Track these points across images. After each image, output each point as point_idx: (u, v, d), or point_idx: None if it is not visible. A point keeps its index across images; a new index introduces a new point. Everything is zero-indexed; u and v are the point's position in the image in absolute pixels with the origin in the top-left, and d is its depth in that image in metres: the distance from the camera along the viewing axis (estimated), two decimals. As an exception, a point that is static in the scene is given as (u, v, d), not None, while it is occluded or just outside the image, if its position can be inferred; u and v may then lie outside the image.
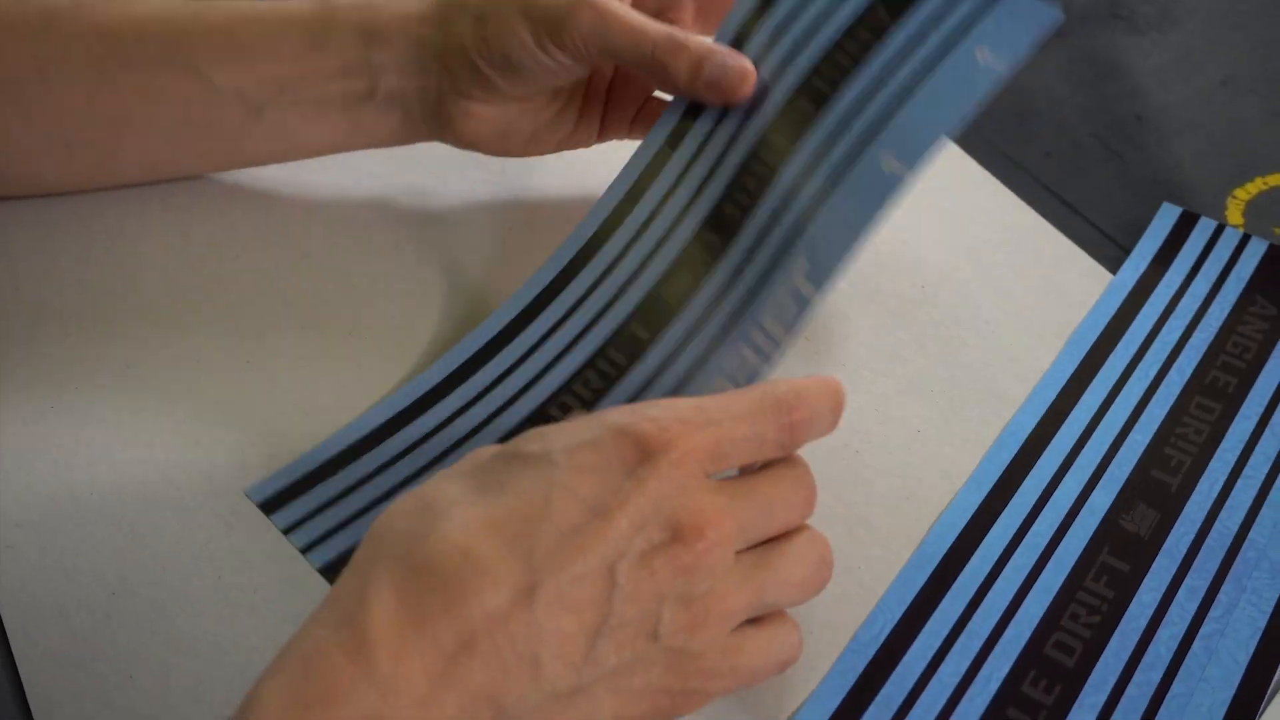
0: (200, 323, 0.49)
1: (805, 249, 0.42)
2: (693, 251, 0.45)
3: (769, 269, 0.42)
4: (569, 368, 0.44)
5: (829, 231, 0.42)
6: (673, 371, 0.43)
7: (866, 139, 0.43)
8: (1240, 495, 0.43)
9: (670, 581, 0.33)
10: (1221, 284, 0.51)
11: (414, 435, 0.44)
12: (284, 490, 0.42)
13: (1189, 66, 0.63)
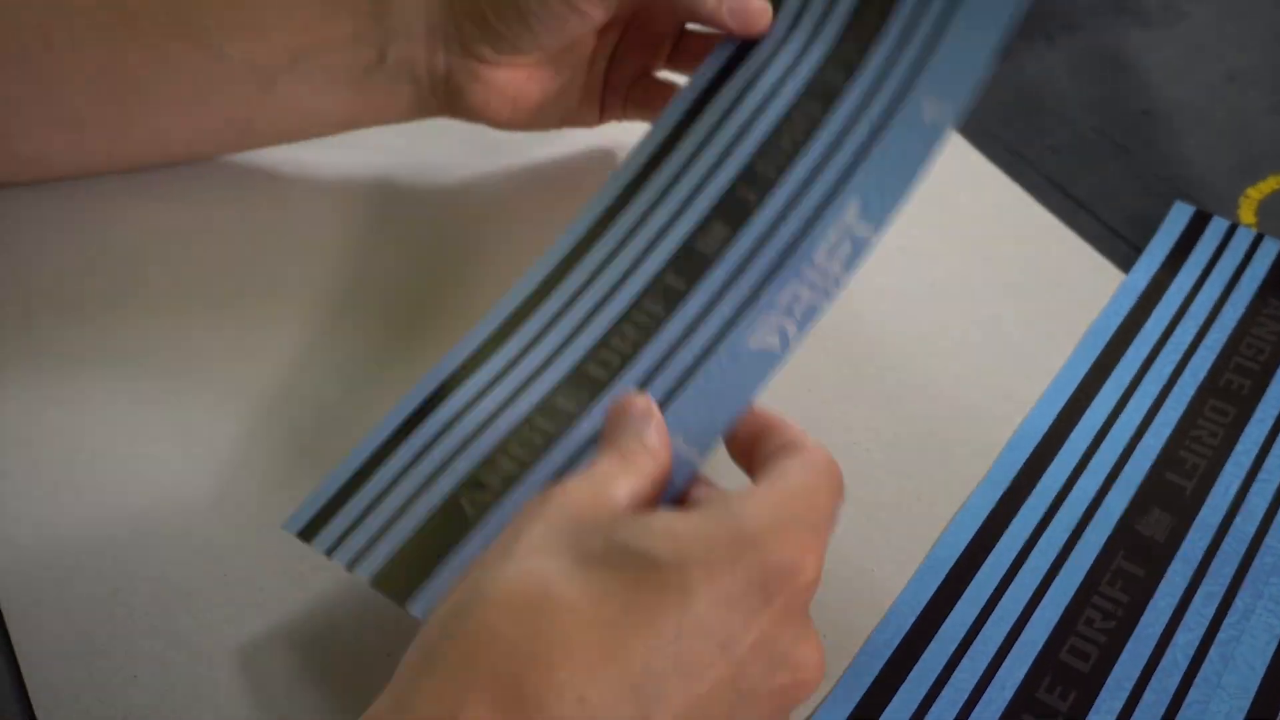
0: (204, 314, 0.48)
1: (856, 193, 0.42)
2: (726, 206, 0.44)
3: (813, 216, 0.42)
4: (603, 325, 0.43)
5: (880, 175, 0.42)
6: (716, 316, 0.41)
7: (905, 88, 0.44)
8: (1255, 500, 0.43)
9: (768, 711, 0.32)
10: (1235, 285, 0.50)
11: (441, 422, 0.41)
12: (318, 515, 0.41)
13: (1196, 61, 0.63)
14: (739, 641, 0.30)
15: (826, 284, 0.41)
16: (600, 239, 0.45)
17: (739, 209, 0.44)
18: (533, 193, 0.53)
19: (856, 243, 0.41)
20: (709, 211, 0.44)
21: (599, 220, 0.45)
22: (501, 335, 0.43)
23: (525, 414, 0.41)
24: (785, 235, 0.42)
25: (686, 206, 0.44)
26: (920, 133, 0.43)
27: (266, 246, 0.50)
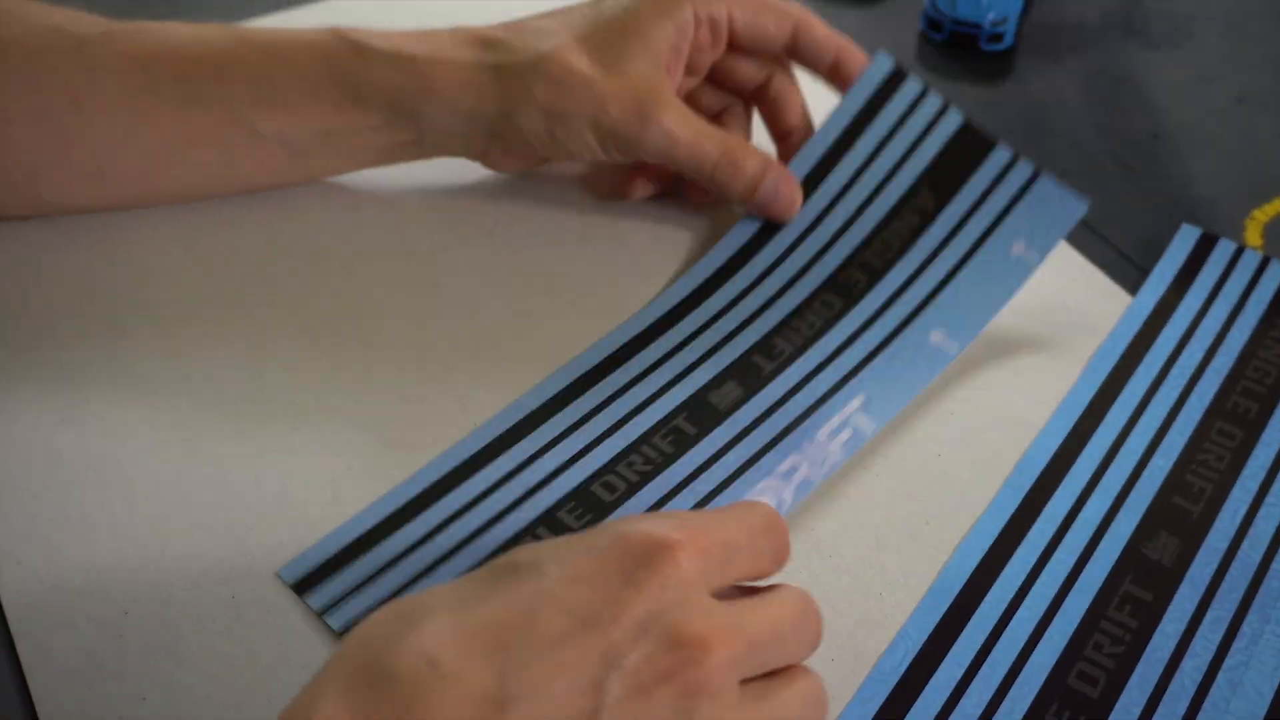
0: (214, 336, 0.48)
1: (863, 389, 0.46)
2: (742, 369, 0.47)
3: (822, 398, 0.46)
4: (612, 450, 0.45)
5: (886, 382, 0.47)
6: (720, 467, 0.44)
7: (918, 311, 0.49)
8: (1263, 525, 0.43)
9: (665, 705, 0.30)
10: (1242, 307, 0.50)
11: (452, 507, 0.43)
12: (316, 569, 0.41)
13: (1204, 83, 0.63)
14: (602, 618, 0.30)
15: (824, 462, 0.44)
16: (620, 368, 0.47)
17: (753, 374, 0.47)
18: (542, 214, 0.54)
19: (857, 432, 0.45)
20: (726, 369, 0.47)
21: (619, 350, 0.48)
22: (517, 434, 0.45)
23: (529, 521, 0.43)
24: (794, 409, 0.46)
25: (704, 360, 0.48)
26: (926, 354, 0.48)
27: (275, 265, 0.51)
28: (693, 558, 0.31)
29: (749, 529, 0.34)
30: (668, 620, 0.30)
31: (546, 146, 0.50)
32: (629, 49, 0.48)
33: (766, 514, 0.35)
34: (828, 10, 0.67)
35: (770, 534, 0.35)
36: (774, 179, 0.50)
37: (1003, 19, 0.63)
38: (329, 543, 0.41)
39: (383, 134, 0.50)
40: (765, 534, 0.35)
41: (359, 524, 0.42)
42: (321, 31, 0.49)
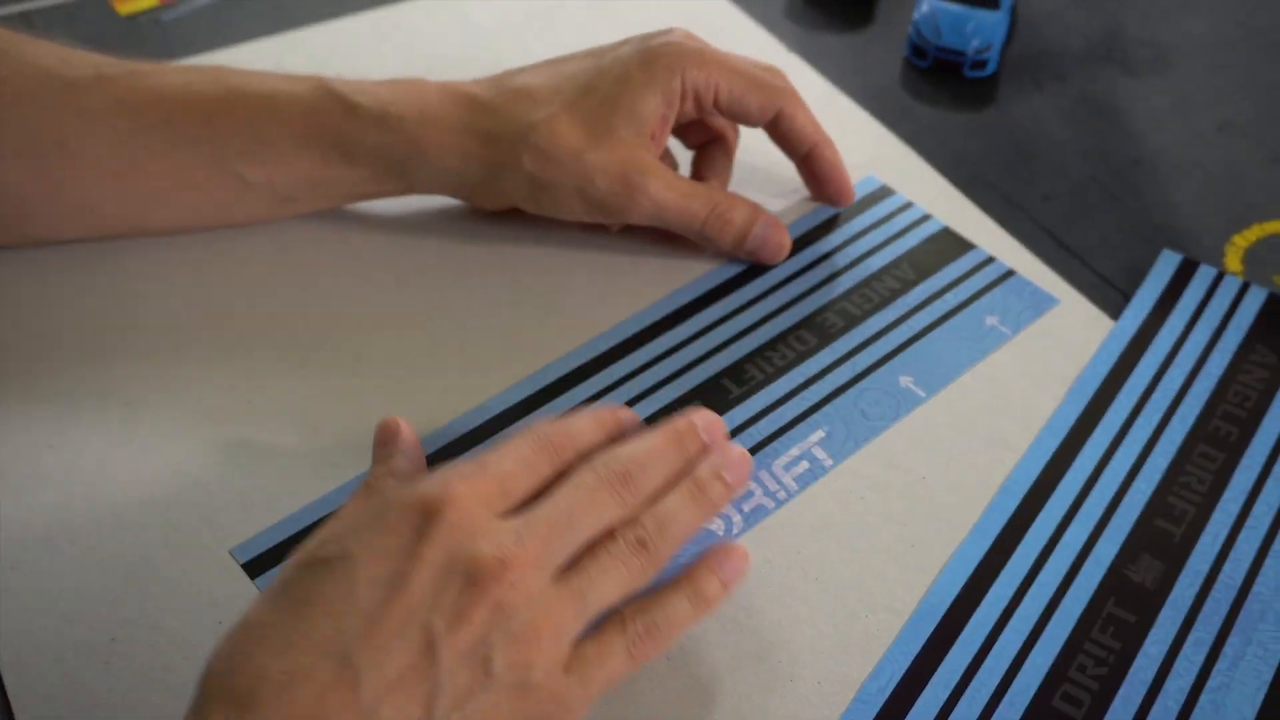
0: (200, 362, 0.48)
1: (825, 423, 0.47)
2: (709, 390, 0.48)
3: (782, 429, 0.47)
4: None
5: (847, 418, 0.48)
6: None
7: (889, 358, 0.50)
8: (1244, 546, 0.43)
9: (488, 623, 0.33)
10: (1222, 332, 0.51)
11: None
12: (269, 551, 0.42)
13: (1185, 110, 0.64)
14: (408, 575, 0.33)
15: (778, 493, 0.45)
16: (587, 380, 0.49)
17: (720, 396, 0.48)
18: (527, 239, 0.54)
19: (815, 465, 0.46)
20: (693, 389, 0.48)
21: (590, 363, 0.49)
22: (475, 437, 0.46)
23: None
24: (756, 435, 0.47)
25: (673, 379, 0.49)
26: (894, 396, 0.49)
27: (261, 291, 0.51)
28: (469, 498, 0.35)
29: (519, 459, 0.37)
30: (463, 555, 0.34)
31: (532, 207, 0.51)
32: (616, 120, 0.49)
33: (535, 439, 0.38)
34: (814, 37, 0.67)
35: (542, 453, 0.38)
36: (762, 227, 0.52)
37: (986, 46, 0.64)
38: (284, 526, 0.43)
39: (370, 185, 0.51)
40: (538, 455, 0.38)
41: (312, 513, 0.43)
42: (309, 83, 0.50)
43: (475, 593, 0.33)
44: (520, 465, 0.37)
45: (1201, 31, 0.69)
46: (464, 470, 0.36)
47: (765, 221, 0.52)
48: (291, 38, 0.65)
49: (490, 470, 0.36)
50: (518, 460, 0.37)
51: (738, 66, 0.50)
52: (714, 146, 0.55)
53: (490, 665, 0.33)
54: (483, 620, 0.33)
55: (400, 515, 0.35)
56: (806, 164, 0.53)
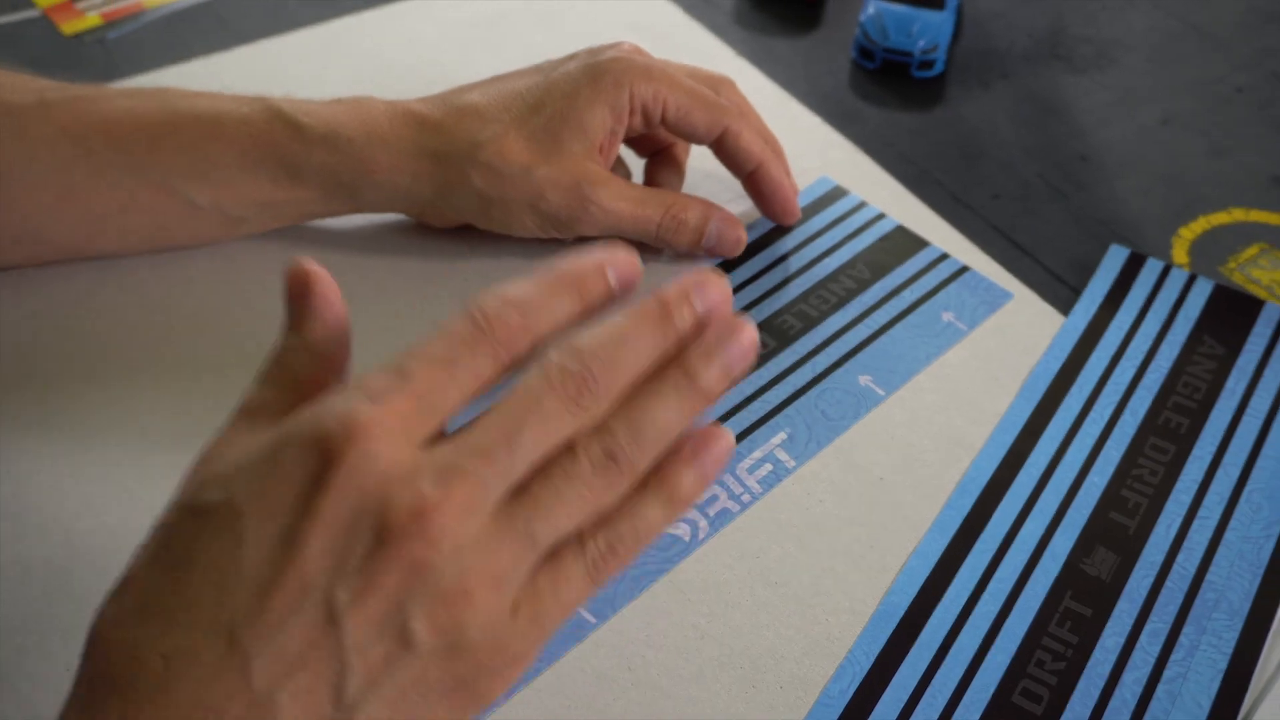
0: (151, 386, 0.48)
1: (786, 425, 0.48)
2: None
3: (744, 431, 0.47)
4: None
5: (809, 418, 0.48)
6: None
7: (847, 358, 0.50)
8: (1197, 536, 0.44)
9: (403, 587, 0.28)
10: (1170, 325, 0.52)
11: None
12: None
13: (1130, 105, 0.65)
14: (303, 535, 0.28)
15: (743, 496, 0.45)
16: None
17: None
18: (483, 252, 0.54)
19: (778, 467, 0.46)
20: None
21: None
22: None
23: None
24: None
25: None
26: (854, 395, 0.49)
27: (210, 314, 0.51)
28: (379, 427, 0.29)
29: (448, 358, 0.30)
30: (369, 507, 0.28)
31: (484, 225, 0.51)
32: (564, 135, 0.49)
33: (472, 325, 0.31)
34: (763, 42, 0.68)
35: (481, 346, 0.31)
36: (717, 223, 0.52)
37: (933, 47, 0.65)
38: None
39: (319, 205, 0.51)
40: (474, 349, 0.31)
41: None
42: (255, 104, 0.49)
43: (385, 553, 0.28)
44: (450, 368, 0.30)
45: (1143, 27, 0.70)
46: (377, 384, 0.30)
47: (720, 217, 0.52)
48: (239, 54, 0.65)
49: (411, 382, 0.30)
50: (447, 361, 0.30)
51: (685, 83, 0.50)
52: (664, 155, 0.55)
53: (410, 635, 0.29)
54: (396, 585, 0.28)
55: (295, 454, 0.29)
56: (752, 182, 0.54)
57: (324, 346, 0.34)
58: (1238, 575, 0.43)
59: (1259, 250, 0.56)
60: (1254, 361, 0.50)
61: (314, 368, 0.33)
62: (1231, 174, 0.60)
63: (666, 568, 0.43)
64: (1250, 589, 0.42)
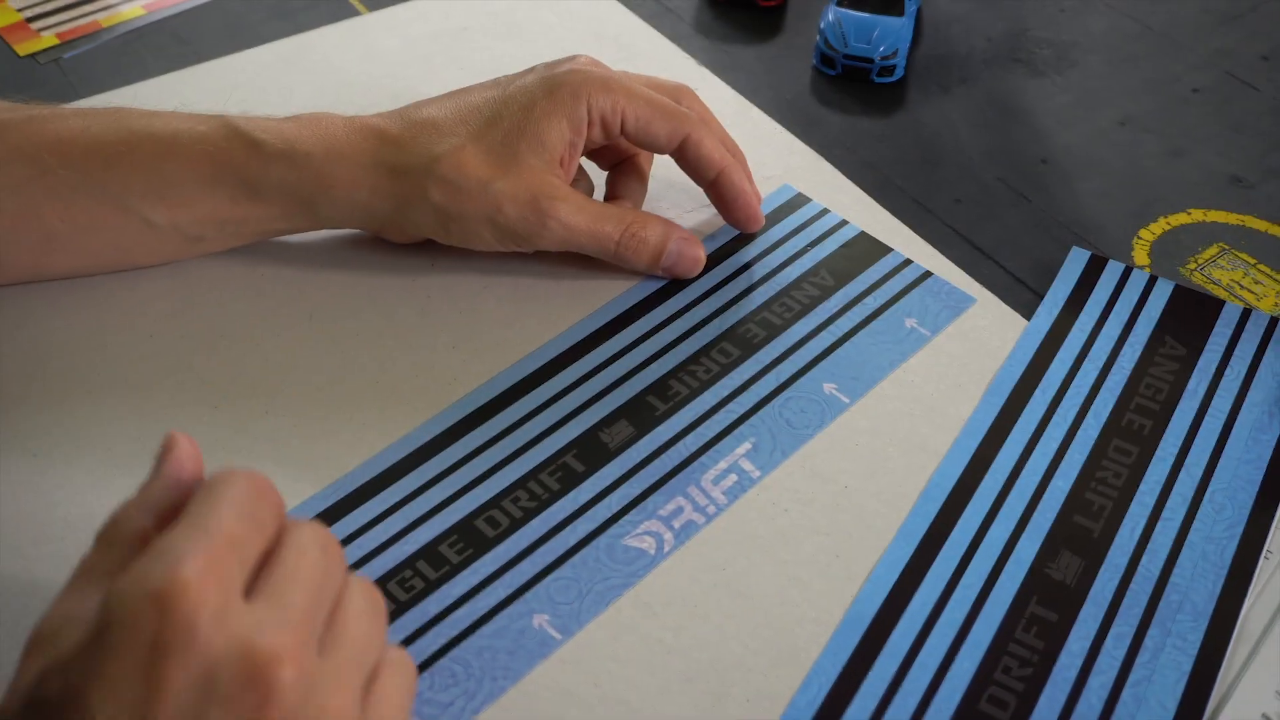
0: (108, 408, 0.47)
1: (751, 435, 0.47)
2: (635, 408, 0.48)
3: (710, 442, 0.47)
4: (498, 485, 0.46)
5: (774, 427, 0.48)
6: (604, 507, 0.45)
7: (812, 366, 0.50)
8: (1160, 538, 0.44)
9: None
10: (1132, 326, 0.52)
11: (343, 533, 0.43)
12: None
13: (1089, 107, 0.65)
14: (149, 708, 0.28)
15: (708, 507, 0.45)
16: (514, 404, 0.48)
17: (646, 413, 0.48)
18: (442, 266, 0.54)
19: (742, 478, 0.46)
20: (619, 408, 0.48)
21: (514, 387, 0.49)
22: (402, 469, 0.46)
23: (409, 555, 0.43)
24: (683, 450, 0.47)
25: (599, 398, 0.49)
26: (819, 402, 0.49)
27: (171, 334, 0.50)
28: (205, 582, 0.29)
29: (242, 513, 0.32)
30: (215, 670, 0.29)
31: (443, 239, 0.51)
32: (522, 148, 0.49)
33: (250, 485, 0.32)
34: (724, 50, 0.68)
35: (261, 496, 0.33)
36: (676, 243, 0.52)
37: (893, 52, 0.65)
38: None
39: (279, 222, 0.51)
40: (258, 503, 0.32)
41: None
42: (212, 122, 0.49)
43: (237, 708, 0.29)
44: (247, 522, 0.32)
45: (1101, 29, 0.70)
46: (185, 542, 0.30)
47: (679, 237, 0.52)
48: (197, 71, 0.64)
49: (217, 535, 0.30)
50: (241, 514, 0.32)
51: (643, 93, 0.50)
52: (627, 165, 0.55)
53: None
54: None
55: (129, 625, 0.29)
56: (714, 189, 0.54)
57: (161, 503, 0.34)
58: (1201, 576, 0.43)
59: (1218, 250, 0.56)
60: (1215, 362, 0.50)
61: (148, 526, 0.33)
62: (1190, 175, 0.61)
63: (632, 581, 0.43)
64: (1214, 590, 0.43)
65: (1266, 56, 0.68)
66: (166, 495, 0.34)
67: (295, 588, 0.31)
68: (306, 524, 0.34)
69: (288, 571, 0.32)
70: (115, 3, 0.69)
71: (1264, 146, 0.62)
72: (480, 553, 0.43)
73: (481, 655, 0.40)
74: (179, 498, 0.34)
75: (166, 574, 0.29)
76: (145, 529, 0.33)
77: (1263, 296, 0.54)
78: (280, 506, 0.33)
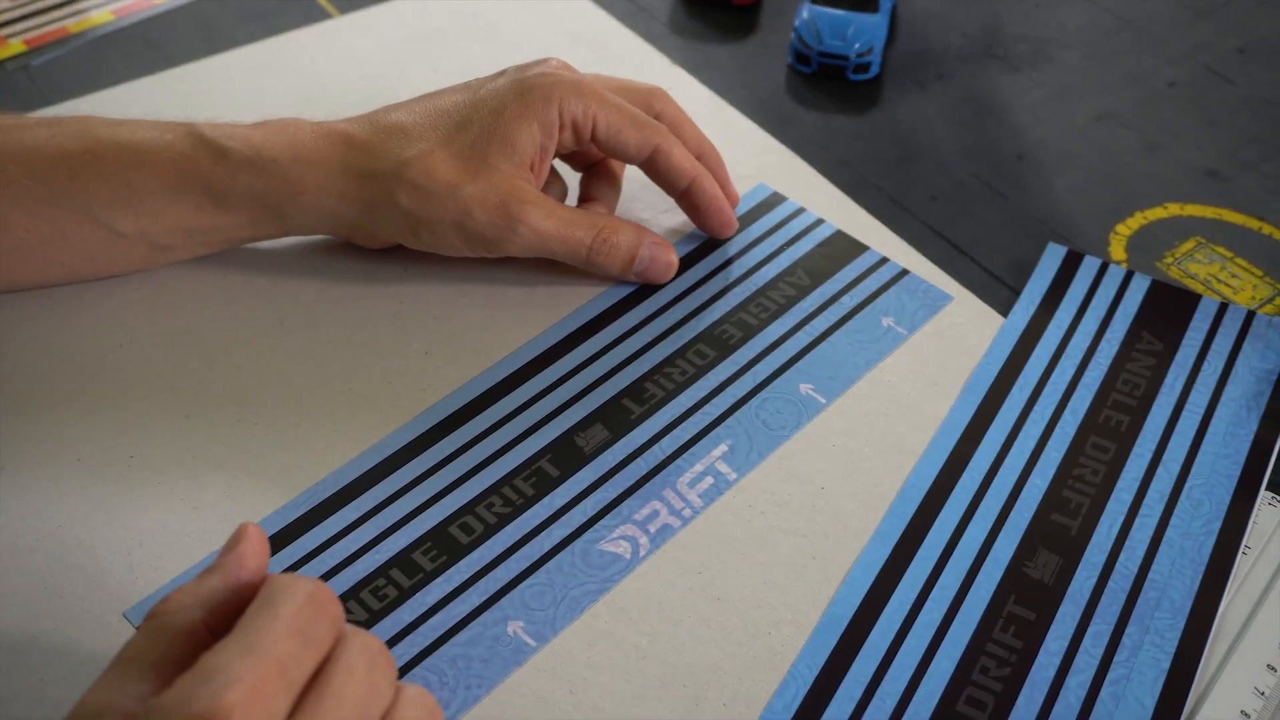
0: (76, 417, 0.47)
1: (727, 437, 0.47)
2: (610, 411, 0.48)
3: (686, 445, 0.47)
4: (471, 492, 0.45)
5: (750, 428, 0.48)
6: (579, 512, 0.45)
7: (788, 367, 0.50)
8: (1138, 535, 0.44)
9: None
10: (1109, 322, 0.52)
11: (304, 549, 0.43)
12: None
13: (1065, 103, 0.65)
14: None
15: (684, 510, 0.45)
16: (488, 409, 0.48)
17: (621, 417, 0.48)
18: (414, 272, 0.53)
19: (719, 480, 0.46)
20: (594, 411, 0.48)
21: (488, 392, 0.48)
22: (376, 476, 0.46)
23: (382, 563, 0.43)
24: (659, 454, 0.47)
25: (574, 402, 0.48)
26: (795, 403, 0.49)
27: (141, 342, 0.50)
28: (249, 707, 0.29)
29: (296, 629, 0.31)
30: None
31: (413, 244, 0.50)
32: (492, 152, 0.48)
33: (310, 599, 0.32)
34: (699, 49, 0.67)
35: (320, 611, 0.32)
36: (648, 249, 0.51)
37: (868, 49, 0.65)
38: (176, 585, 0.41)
39: (248, 230, 0.50)
40: (315, 619, 0.32)
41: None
42: (178, 129, 0.49)
43: None
44: (300, 640, 0.31)
45: (1078, 24, 0.70)
46: (235, 663, 0.29)
47: (651, 242, 0.51)
48: (167, 76, 0.64)
49: (267, 657, 0.30)
50: (295, 631, 0.31)
51: (615, 100, 0.50)
52: (600, 168, 0.55)
53: None
54: None
55: None
56: (686, 200, 0.53)
57: (216, 597, 0.33)
58: (1179, 573, 0.43)
59: (1195, 244, 0.56)
60: (1192, 356, 0.50)
61: (198, 620, 0.33)
62: (1166, 169, 0.60)
63: (607, 586, 0.42)
64: (1192, 586, 0.42)
65: (1242, 50, 0.68)
66: (223, 591, 0.33)
67: (339, 713, 0.31)
68: (358, 638, 0.33)
69: (335, 691, 0.31)
70: (85, 8, 0.68)
71: (1240, 140, 0.62)
72: (454, 560, 0.43)
73: (456, 664, 0.40)
74: (235, 595, 0.33)
75: (212, 699, 0.28)
76: (195, 622, 0.32)
77: (1240, 290, 0.54)
78: (339, 619, 0.32)
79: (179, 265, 0.52)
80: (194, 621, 0.32)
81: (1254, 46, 0.68)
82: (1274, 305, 0.53)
